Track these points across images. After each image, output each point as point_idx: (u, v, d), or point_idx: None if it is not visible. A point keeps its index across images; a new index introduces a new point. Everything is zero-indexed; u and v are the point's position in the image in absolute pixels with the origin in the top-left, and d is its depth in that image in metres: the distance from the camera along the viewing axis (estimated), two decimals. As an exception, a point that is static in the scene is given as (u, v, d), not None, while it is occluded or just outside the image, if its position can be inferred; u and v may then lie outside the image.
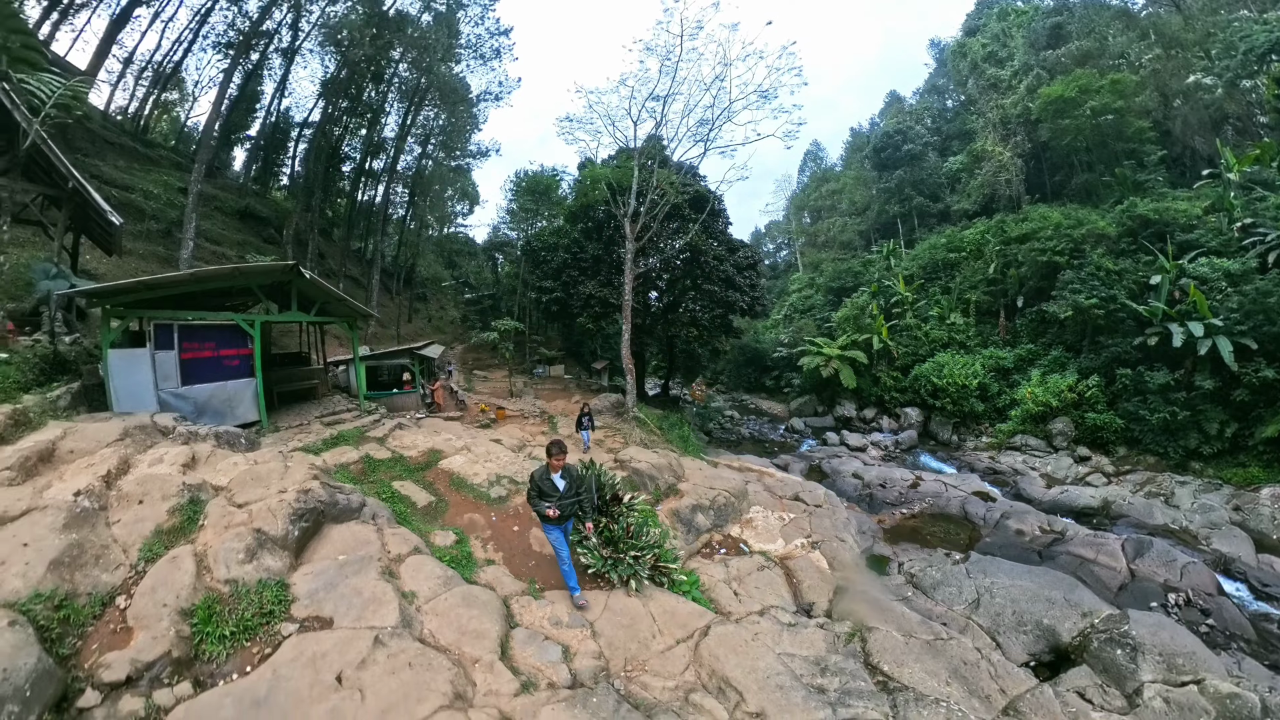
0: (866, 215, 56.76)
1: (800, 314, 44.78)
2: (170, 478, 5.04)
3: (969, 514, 12.98)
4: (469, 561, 6.26)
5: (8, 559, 3.52)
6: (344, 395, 13.25)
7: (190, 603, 3.73)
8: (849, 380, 27.13)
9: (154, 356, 7.54)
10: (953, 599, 8.32)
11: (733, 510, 11.14)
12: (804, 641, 5.96)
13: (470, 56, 35.42)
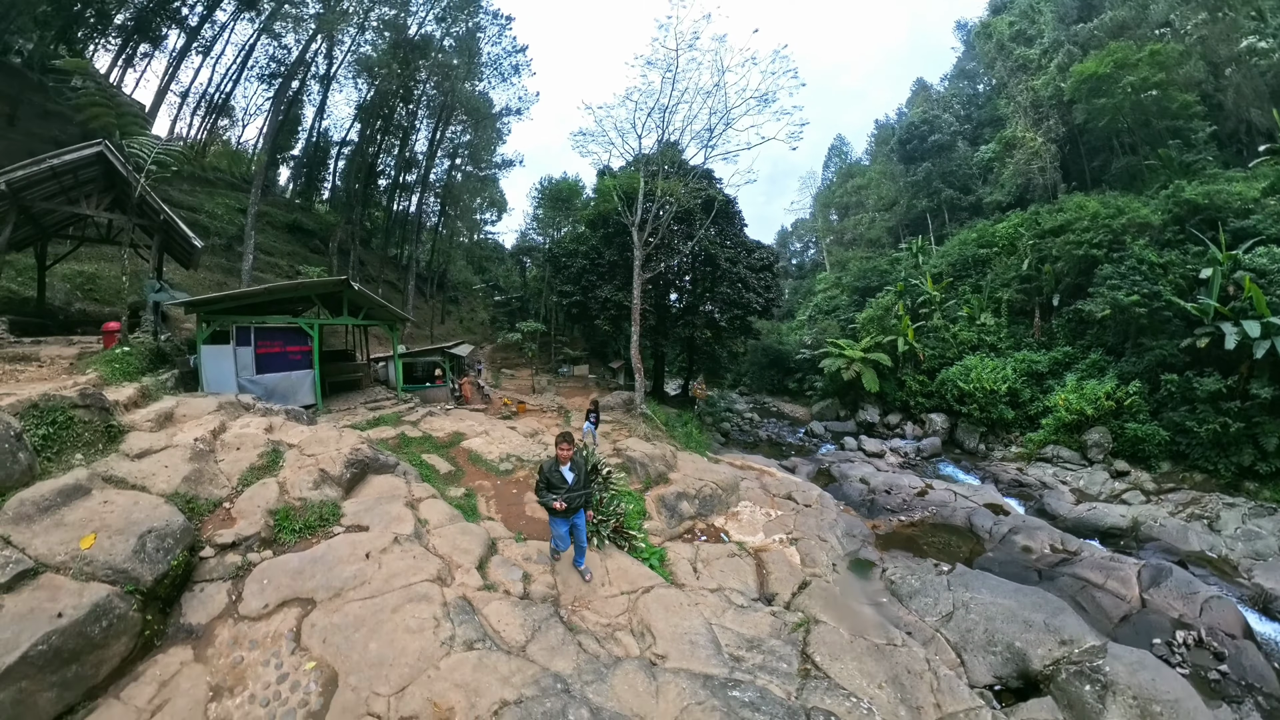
0: (894, 211, 54.83)
1: (825, 315, 43.56)
2: (258, 435, 6.90)
3: (974, 526, 12.45)
4: (473, 511, 7.89)
5: (157, 473, 5.34)
6: (384, 387, 15.39)
7: (274, 508, 5.50)
8: (871, 383, 26.54)
9: (235, 352, 9.66)
10: (926, 609, 8.20)
11: (719, 502, 11.73)
12: (747, 622, 6.33)
13: (491, 74, 38.32)
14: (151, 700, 3.33)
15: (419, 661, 3.78)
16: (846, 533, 11.50)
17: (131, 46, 29.60)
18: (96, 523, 4.06)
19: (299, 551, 5.04)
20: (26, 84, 22.95)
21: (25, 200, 10.90)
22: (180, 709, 3.27)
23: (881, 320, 30.16)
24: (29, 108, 22.10)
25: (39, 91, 23.32)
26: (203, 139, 37.55)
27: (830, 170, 77.71)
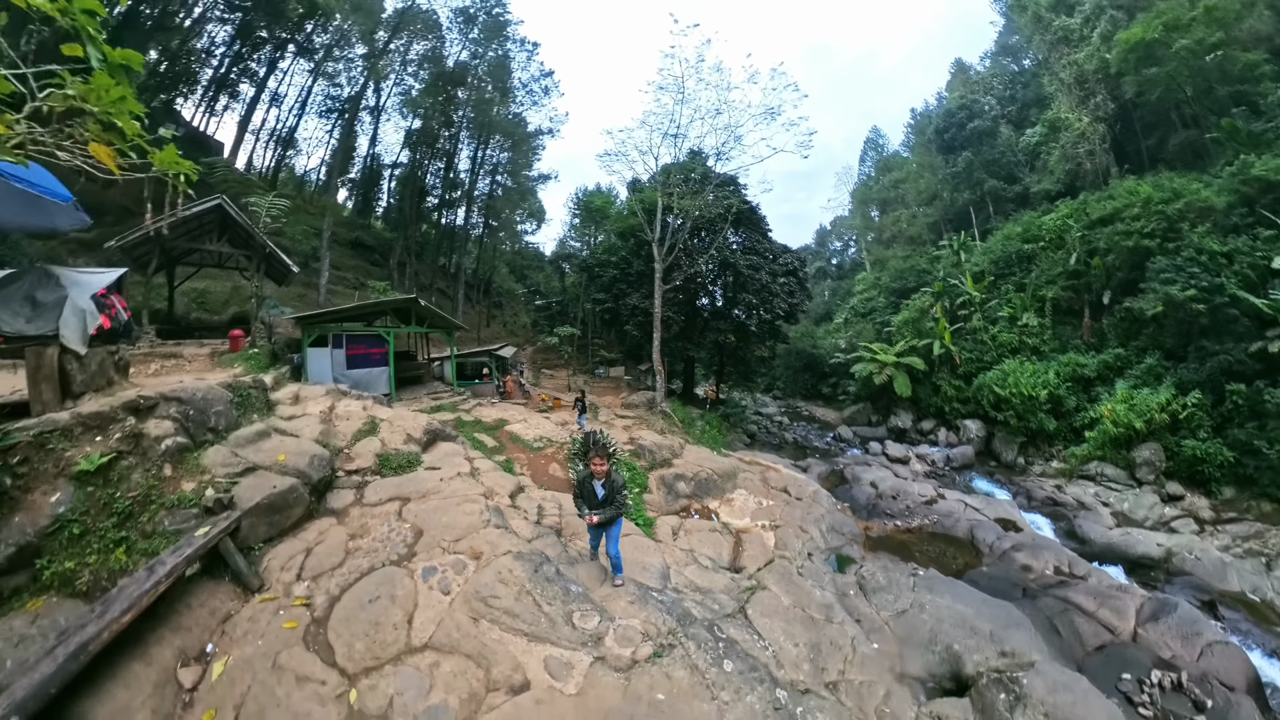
0: (935, 205, 52.85)
1: (861, 317, 43.65)
2: (358, 411, 9.75)
3: (975, 539, 12.45)
4: (510, 469, 10.53)
5: (303, 429, 8.14)
6: (440, 382, 18.49)
7: (378, 453, 8.26)
8: (903, 388, 26.11)
9: (332, 353, 12.76)
10: (885, 605, 8.56)
11: (715, 487, 13.00)
12: (705, 577, 7.62)
13: (523, 96, 42.55)
14: (315, 538, 5.97)
15: (466, 529, 6.27)
16: (833, 528, 12.09)
17: (211, 99, 35.32)
18: (281, 449, 6.82)
19: (396, 477, 7.73)
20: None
21: (165, 241, 14.55)
22: (332, 541, 5.88)
23: (917, 323, 29.68)
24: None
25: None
26: (272, 169, 43.43)
27: (867, 164, 75.80)
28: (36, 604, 4.41)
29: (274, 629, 4.62)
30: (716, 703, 4.45)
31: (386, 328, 15.10)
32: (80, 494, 4.89)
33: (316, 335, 13.24)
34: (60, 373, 5.81)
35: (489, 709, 4.06)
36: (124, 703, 3.96)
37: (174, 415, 6.01)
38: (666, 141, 22.37)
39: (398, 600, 4.94)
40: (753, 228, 28.91)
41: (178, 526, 5.08)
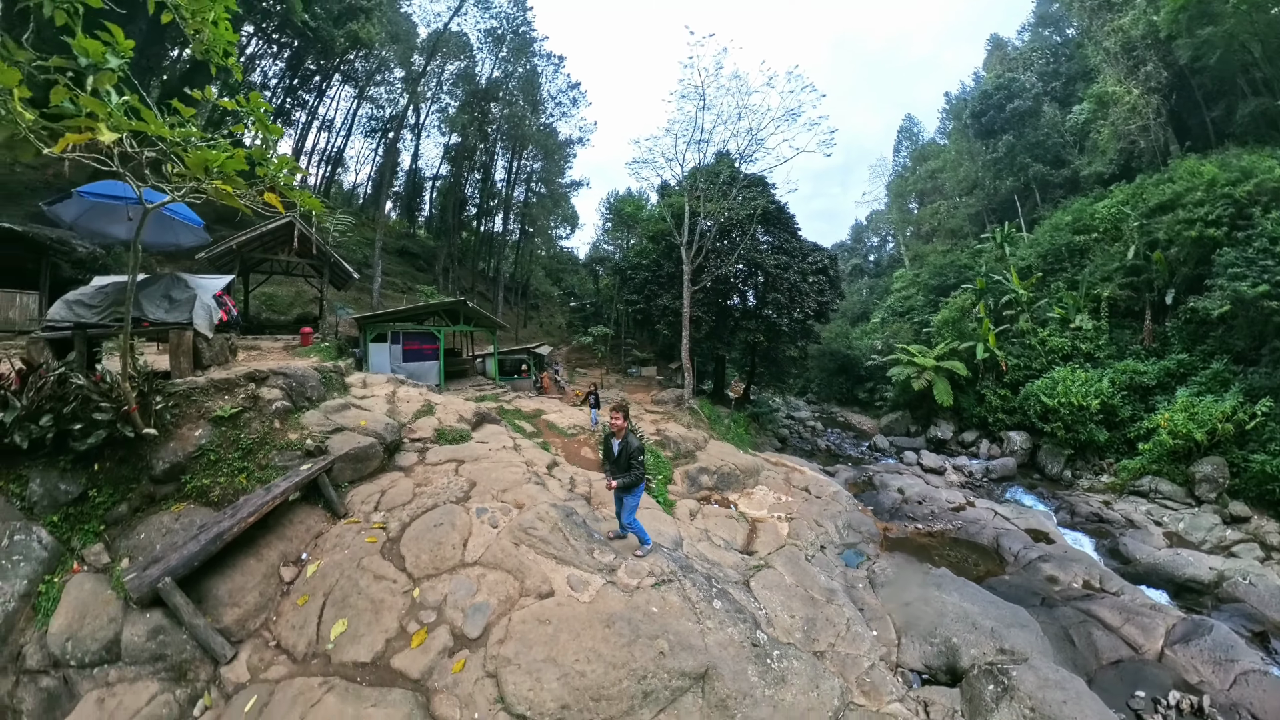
0: (976, 195, 49.58)
1: (898, 317, 42.00)
2: (416, 395, 11.21)
3: (1001, 547, 12.10)
4: (547, 448, 11.78)
5: (374, 405, 9.59)
6: (483, 376, 20.11)
7: (436, 429, 9.62)
8: (943, 396, 24.64)
9: (390, 348, 14.43)
10: (890, 597, 8.69)
11: (736, 481, 13.63)
12: (715, 554, 8.38)
13: (553, 108, 45.12)
14: (388, 484, 7.29)
15: (511, 483, 7.49)
16: (849, 526, 12.25)
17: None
18: (361, 417, 8.25)
19: (451, 446, 9.07)
20: None
21: (243, 252, 16.62)
22: (402, 487, 7.18)
23: (958, 324, 27.97)
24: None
25: None
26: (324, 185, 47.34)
27: (902, 155, 73.01)
28: (179, 507, 5.93)
29: (358, 543, 5.92)
30: (700, 626, 5.37)
31: (437, 326, 16.87)
32: (216, 432, 6.41)
33: (378, 332, 15.04)
34: (194, 350, 7.38)
35: (520, 607, 5.17)
36: (239, 584, 5.42)
37: (281, 385, 7.54)
38: (691, 148, 23.49)
39: (456, 528, 6.17)
40: (781, 227, 28.99)
41: (285, 463, 6.51)
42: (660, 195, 32.15)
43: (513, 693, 4.28)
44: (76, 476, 5.60)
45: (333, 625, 5.02)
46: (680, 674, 4.62)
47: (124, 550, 5.47)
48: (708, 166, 24.53)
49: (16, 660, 4.81)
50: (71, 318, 6.99)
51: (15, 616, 4.96)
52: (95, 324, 6.91)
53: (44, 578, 5.19)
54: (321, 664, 4.75)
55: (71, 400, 5.32)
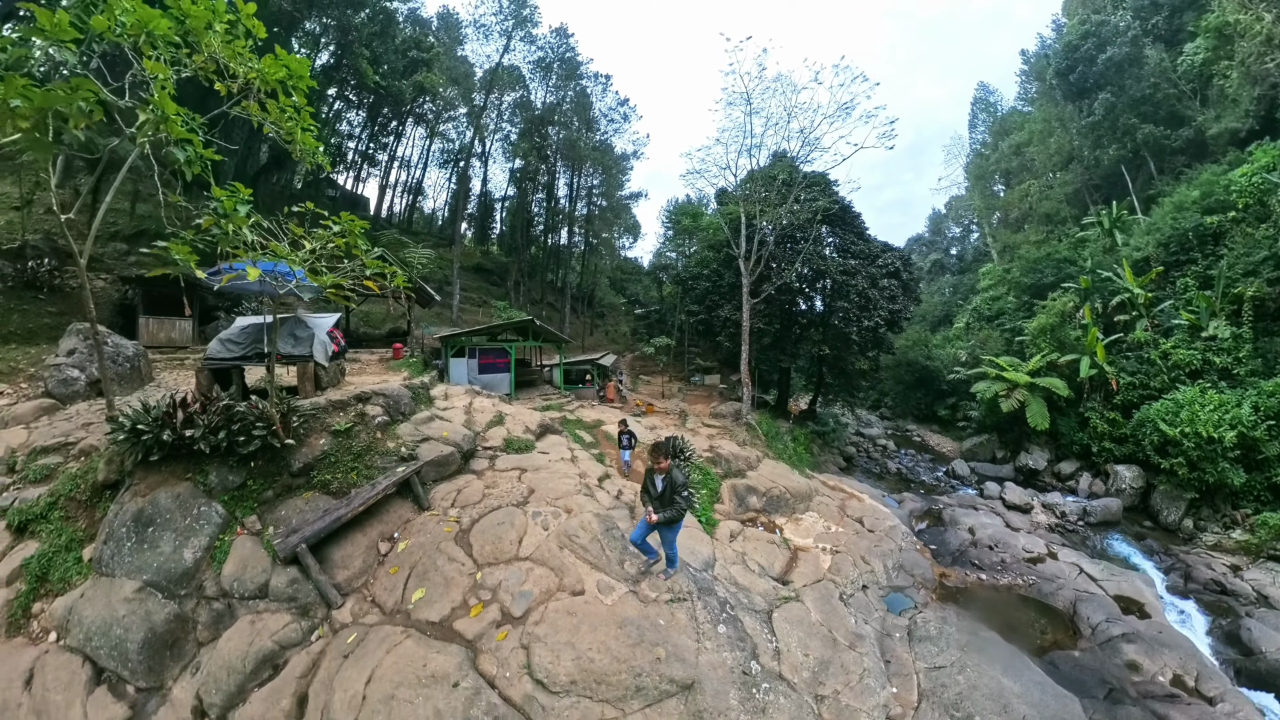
0: (1074, 169, 42.09)
1: (985, 322, 37.10)
2: (489, 406, 13.04)
3: (1077, 614, 10.65)
4: (602, 459, 13.13)
5: (454, 416, 11.40)
6: (550, 385, 22.03)
7: (504, 438, 11.29)
8: (1038, 419, 21.50)
9: (468, 362, 16.57)
10: (924, 655, 8.18)
11: (786, 505, 13.57)
12: (747, 578, 8.67)
13: (606, 124, 48.07)
14: (463, 485, 8.93)
15: (564, 493, 8.88)
16: (901, 567, 11.60)
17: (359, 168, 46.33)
18: (444, 429, 10.03)
19: (517, 455, 10.68)
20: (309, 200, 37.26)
21: None
22: (474, 488, 8.79)
23: (1058, 331, 24.10)
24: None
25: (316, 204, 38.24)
26: (407, 213, 53.53)
27: (979, 130, 63.99)
28: (308, 495, 7.83)
29: (437, 530, 7.55)
30: (698, 645, 6.24)
31: (509, 341, 18.99)
32: (334, 441, 8.35)
33: (457, 348, 17.33)
34: (315, 376, 9.46)
35: (555, 599, 6.46)
36: (349, 553, 7.24)
37: (381, 404, 9.48)
38: (744, 155, 23.71)
39: (514, 527, 7.64)
40: (847, 227, 27.49)
41: (384, 465, 8.34)
42: (718, 201, 31.91)
43: (537, 663, 5.55)
44: (239, 471, 7.65)
45: (414, 591, 6.62)
46: (670, 680, 5.57)
47: (270, 521, 7.44)
48: (763, 170, 24.21)
49: (199, 589, 6.86)
50: (224, 353, 9.28)
51: (201, 561, 7.02)
52: (241, 357, 9.14)
53: (218, 537, 7.22)
54: (403, 618, 6.35)
55: (237, 422, 7.35)
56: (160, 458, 7.40)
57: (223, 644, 6.41)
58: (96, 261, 20.04)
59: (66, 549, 7.53)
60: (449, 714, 4.85)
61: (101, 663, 6.31)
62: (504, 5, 41.39)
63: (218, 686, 6.11)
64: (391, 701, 4.91)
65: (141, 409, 7.61)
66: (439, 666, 5.34)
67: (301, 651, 6.27)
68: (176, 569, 6.83)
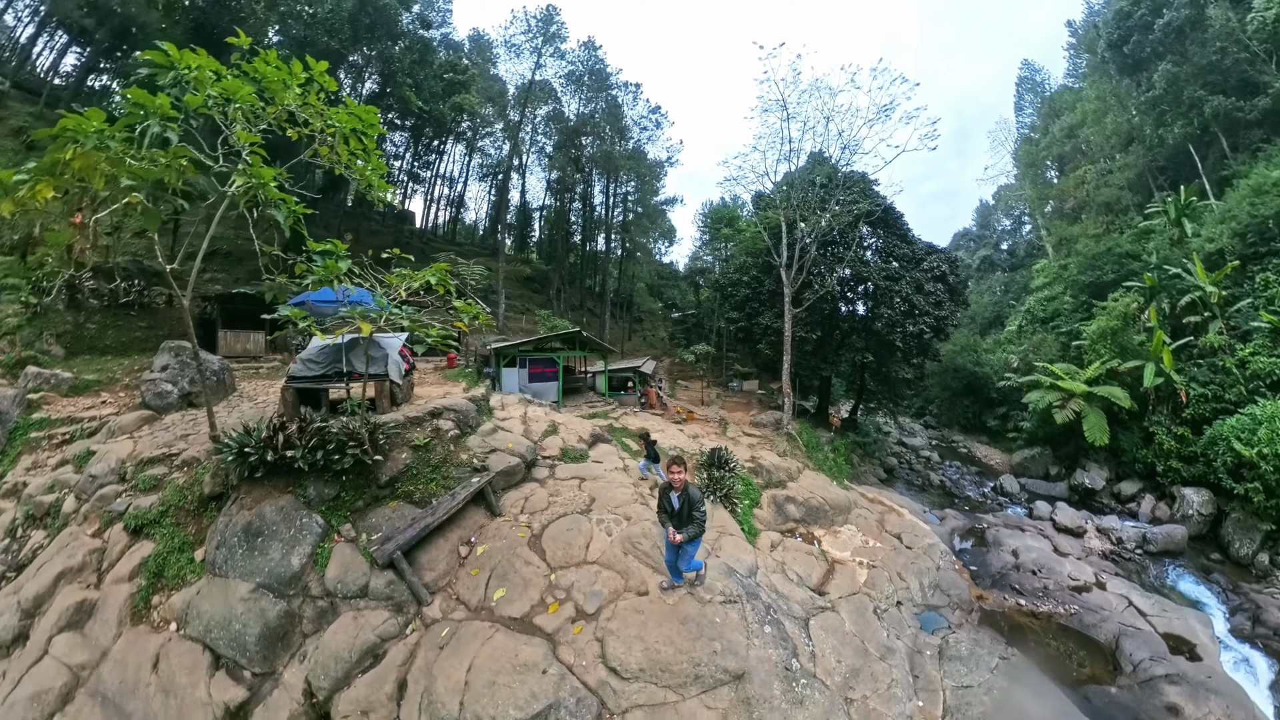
0: (1135, 151, 38.71)
1: (1039, 324, 35.34)
2: (543, 416, 13.89)
3: (1119, 649, 10.34)
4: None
5: (512, 426, 12.27)
6: (594, 392, 22.96)
7: (560, 448, 12.10)
8: (1095, 432, 20.01)
9: (519, 371, 17.59)
10: (953, 673, 8.35)
11: (824, 517, 13.94)
12: (786, 586, 9.13)
13: (638, 132, 49.71)
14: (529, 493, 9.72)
15: (623, 501, 9.57)
16: (936, 586, 11.66)
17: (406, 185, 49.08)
18: (508, 440, 10.90)
19: (574, 464, 11.47)
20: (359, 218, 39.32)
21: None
22: (539, 496, 9.59)
23: (1119, 335, 22.45)
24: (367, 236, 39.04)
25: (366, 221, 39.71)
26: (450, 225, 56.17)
27: (1027, 112, 60.41)
28: (393, 504, 8.72)
29: (512, 535, 8.35)
30: (748, 641, 6.89)
31: (556, 351, 20.07)
32: (414, 455, 9.27)
33: (509, 358, 18.46)
34: (390, 393, 10.45)
35: (623, 599, 7.17)
36: (434, 556, 8.07)
37: (452, 418, 10.40)
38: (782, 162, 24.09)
39: (581, 533, 8.38)
40: (889, 229, 27.22)
41: (459, 476, 9.22)
42: (755, 205, 31.99)
43: (610, 653, 6.30)
44: (334, 485, 8.61)
45: (495, 590, 7.41)
46: (724, 670, 6.27)
47: (362, 529, 8.36)
48: (801, 171, 24.41)
49: (305, 590, 7.78)
50: (305, 372, 10.33)
51: (306, 565, 7.96)
52: (322, 376, 10.18)
53: (319, 545, 8.18)
54: (487, 614, 7.14)
55: (331, 441, 8.31)
56: (263, 474, 8.43)
57: (329, 636, 7.31)
58: (176, 279, 21.91)
59: (179, 550, 8.58)
60: (542, 695, 5.61)
61: (220, 651, 7.26)
62: (532, 24, 43.60)
63: (325, 673, 6.98)
64: (494, 685, 5.67)
65: (244, 431, 8.68)
66: (528, 656, 6.09)
67: (399, 643, 7.12)
68: (286, 573, 7.78)
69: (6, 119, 27.88)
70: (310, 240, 7.28)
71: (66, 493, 10.14)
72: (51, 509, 9.94)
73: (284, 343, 19.82)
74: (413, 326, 8.09)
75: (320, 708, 6.80)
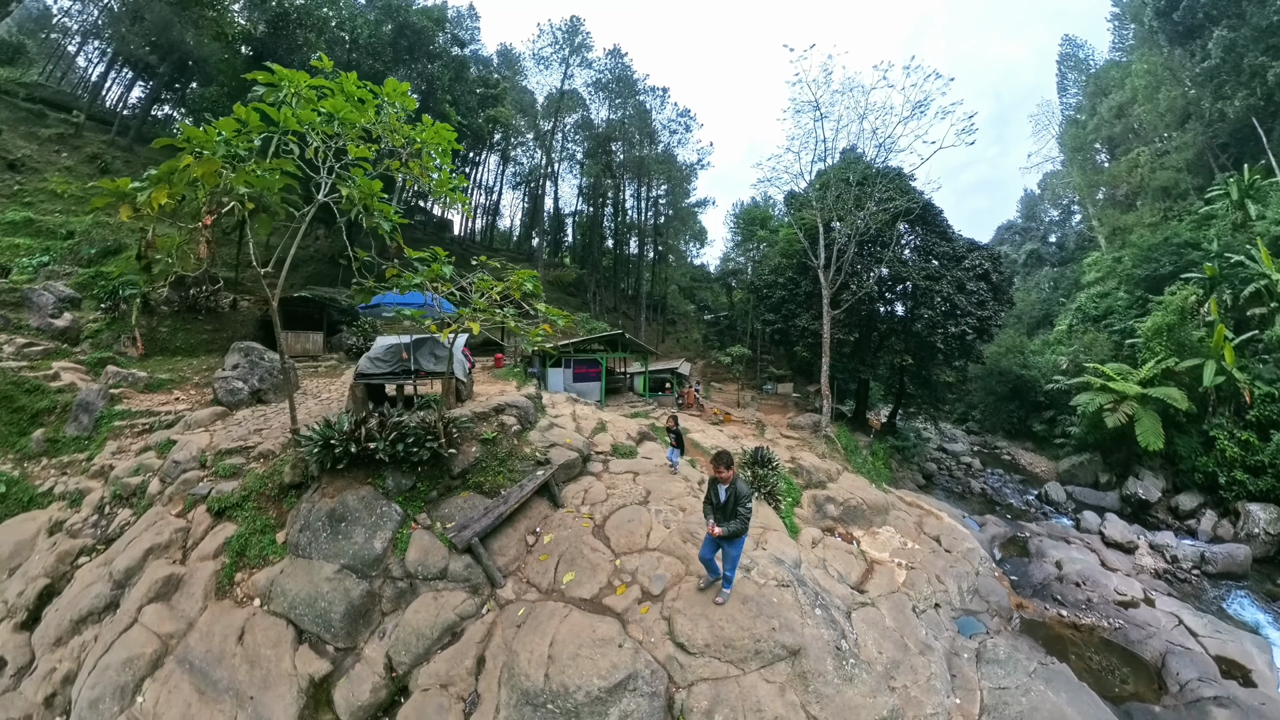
0: (1191, 128, 36.24)
1: (1091, 322, 33.73)
2: (591, 414, 14.51)
3: (1166, 668, 10.10)
4: (693, 464, 14.24)
5: (565, 424, 12.90)
6: (633, 392, 23.62)
7: (611, 444, 12.67)
8: (1150, 437, 18.66)
9: (564, 371, 18.31)
10: (990, 675, 8.46)
11: (863, 518, 14.19)
12: (828, 582, 9.45)
13: (667, 135, 50.79)
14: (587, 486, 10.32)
15: (677, 494, 10.05)
16: (975, 591, 11.65)
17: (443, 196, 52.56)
18: (564, 436, 11.51)
19: (625, 460, 12.03)
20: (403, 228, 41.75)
21: None
22: (598, 488, 10.17)
23: (1175, 331, 21.05)
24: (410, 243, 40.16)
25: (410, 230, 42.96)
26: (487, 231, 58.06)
27: (1070, 92, 56.66)
28: (465, 494, 9.40)
29: (575, 525, 8.93)
30: (804, 618, 7.28)
31: (600, 353, 20.81)
32: (483, 449, 9.96)
33: (554, 358, 19.25)
34: (456, 390, 11.18)
35: (685, 581, 7.63)
36: (504, 544, 8.72)
37: (514, 414, 11.08)
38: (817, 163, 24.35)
39: (641, 523, 8.90)
40: (928, 227, 26.88)
41: (524, 469, 9.87)
42: (788, 204, 32.01)
43: (677, 630, 6.79)
44: (410, 476, 9.33)
45: (564, 574, 7.98)
46: (781, 646, 6.68)
47: (436, 517, 9.05)
48: (837, 166, 24.42)
49: (386, 571, 8.45)
50: (373, 369, 11.10)
51: (386, 549, 8.66)
52: (389, 373, 10.94)
53: (398, 530, 8.89)
54: (559, 596, 7.70)
55: (409, 435, 9.03)
56: (345, 465, 9.17)
57: (410, 615, 7.96)
58: (240, 286, 23.46)
59: (261, 533, 9.25)
60: (621, 666, 6.13)
61: (304, 627, 7.89)
62: (559, 36, 45.35)
63: (407, 649, 7.61)
64: (577, 657, 6.22)
65: (326, 425, 9.46)
66: (604, 632, 6.63)
67: (476, 622, 7.74)
68: (369, 555, 8.46)
69: (82, 147, 31.45)
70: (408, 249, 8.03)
71: (150, 476, 10.97)
72: (137, 490, 10.74)
73: (339, 343, 21.00)
74: (514, 328, 8.74)
75: (399, 681, 7.39)
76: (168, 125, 37.04)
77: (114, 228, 25.03)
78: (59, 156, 30.25)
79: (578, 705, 5.87)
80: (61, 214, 26.02)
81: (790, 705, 6.15)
